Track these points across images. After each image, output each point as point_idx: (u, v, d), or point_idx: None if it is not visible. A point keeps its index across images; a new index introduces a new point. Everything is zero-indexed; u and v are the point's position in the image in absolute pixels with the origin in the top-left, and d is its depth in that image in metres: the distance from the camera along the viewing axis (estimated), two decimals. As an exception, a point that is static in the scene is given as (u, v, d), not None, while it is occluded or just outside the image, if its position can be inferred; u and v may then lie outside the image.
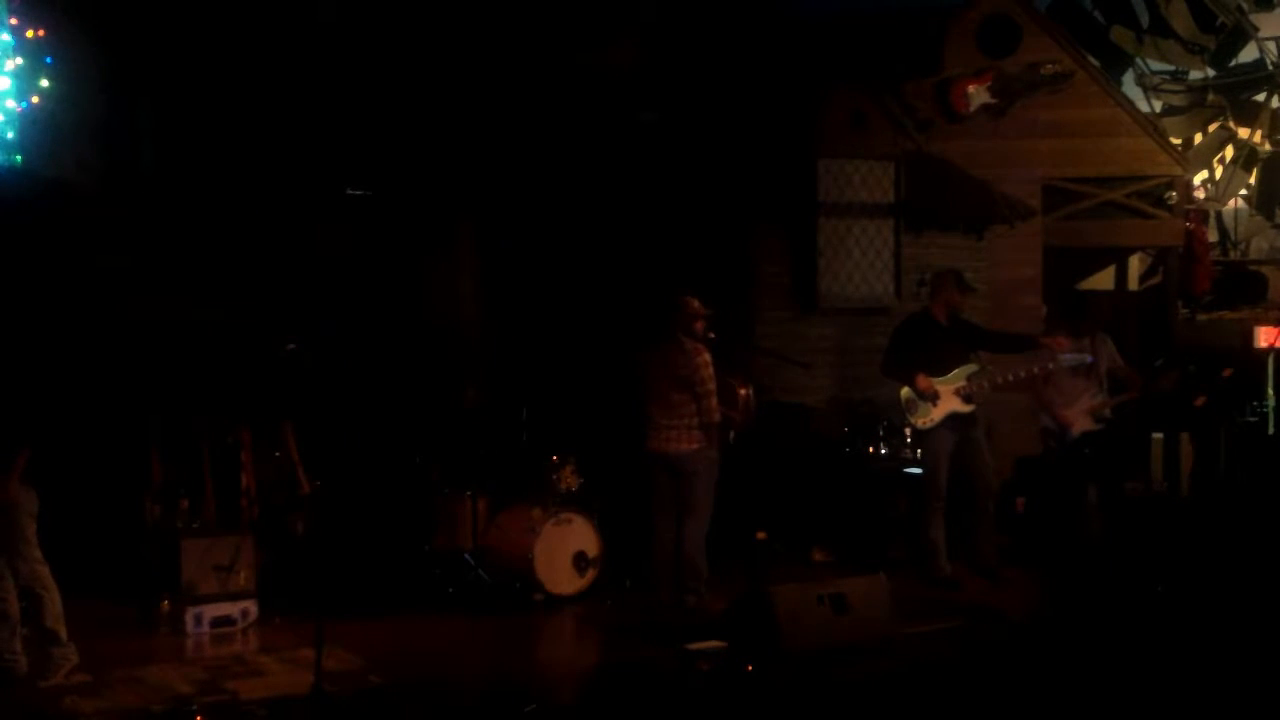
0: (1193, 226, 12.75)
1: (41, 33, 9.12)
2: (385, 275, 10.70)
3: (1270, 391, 11.92)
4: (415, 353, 10.58)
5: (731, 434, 9.19)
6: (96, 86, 9.60)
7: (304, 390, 7.98)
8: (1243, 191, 15.21)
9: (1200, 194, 14.44)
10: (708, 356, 8.72)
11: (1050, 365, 9.69)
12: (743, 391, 9.15)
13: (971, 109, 11.69)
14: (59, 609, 7.22)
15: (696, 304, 8.84)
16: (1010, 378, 9.60)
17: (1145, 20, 15.06)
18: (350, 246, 10.52)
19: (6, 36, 8.96)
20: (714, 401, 8.69)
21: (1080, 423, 10.02)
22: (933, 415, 9.45)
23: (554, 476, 9.35)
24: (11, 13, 8.99)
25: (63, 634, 7.24)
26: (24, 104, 9.06)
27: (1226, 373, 11.75)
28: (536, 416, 9.68)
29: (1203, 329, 13.36)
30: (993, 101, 11.71)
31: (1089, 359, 9.89)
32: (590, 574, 9.16)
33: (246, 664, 7.65)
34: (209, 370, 9.42)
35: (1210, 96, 15.08)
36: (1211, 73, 15.20)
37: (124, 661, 7.53)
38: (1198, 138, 15.06)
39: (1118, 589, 8.99)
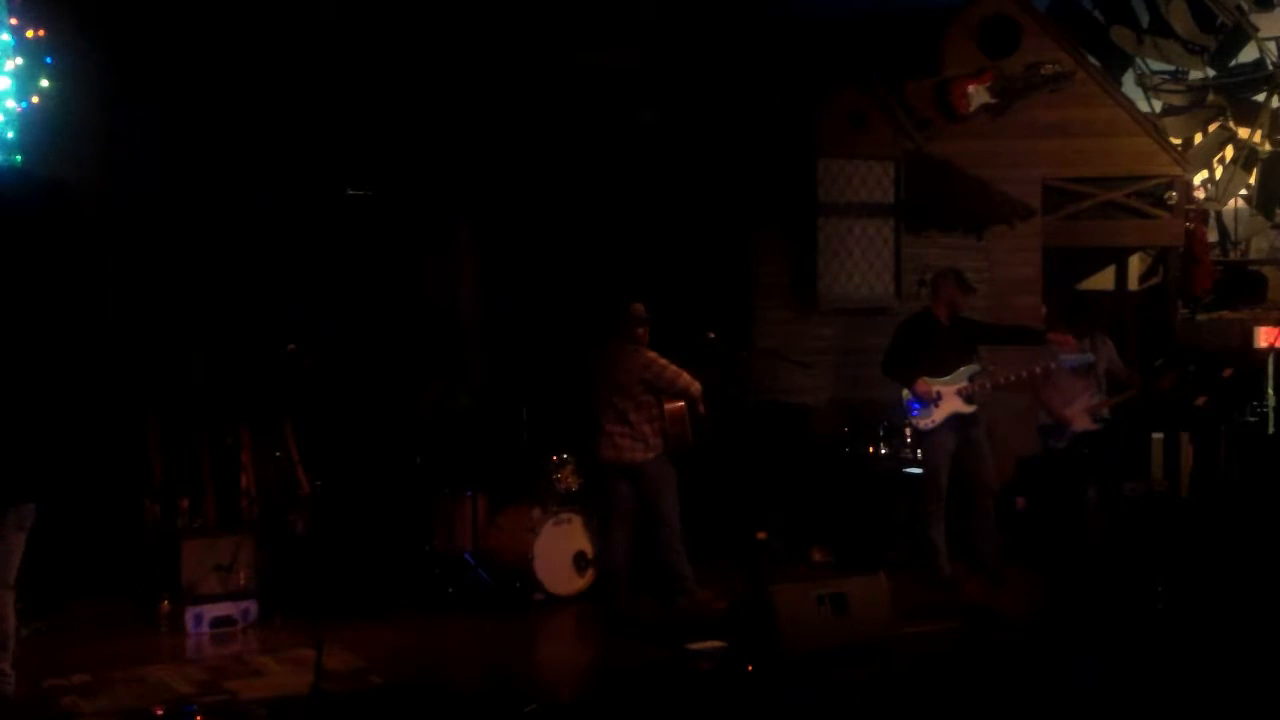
0: (1193, 226, 12.75)
1: (41, 33, 9.10)
2: (385, 275, 10.70)
3: (1270, 391, 11.90)
4: (415, 353, 10.58)
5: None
6: (96, 86, 9.59)
7: (304, 390, 7.99)
8: (1243, 191, 15.18)
9: (1200, 194, 14.42)
10: (649, 353, 8.70)
11: (1052, 365, 9.70)
12: (668, 406, 8.82)
13: (971, 109, 11.69)
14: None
15: (641, 309, 8.78)
16: (1012, 377, 9.60)
17: (1145, 20, 15.04)
18: (350, 246, 10.52)
19: (6, 36, 8.95)
20: (684, 380, 8.64)
21: (1079, 422, 10.03)
22: (934, 416, 9.45)
23: (554, 476, 9.35)
24: (11, 13, 8.98)
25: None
26: (24, 104, 9.05)
27: (1226, 373, 11.75)
28: (536, 416, 9.68)
29: (1203, 329, 13.35)
30: (993, 101, 11.71)
31: (1090, 359, 9.89)
32: (590, 574, 9.16)
33: (246, 664, 7.65)
34: (209, 370, 9.43)
35: (1210, 96, 15.06)
36: (1211, 73, 15.19)
37: (124, 661, 7.54)
38: (1198, 138, 15.03)
39: (1118, 589, 8.99)
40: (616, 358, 8.74)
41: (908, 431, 10.20)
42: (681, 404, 8.83)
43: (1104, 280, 13.48)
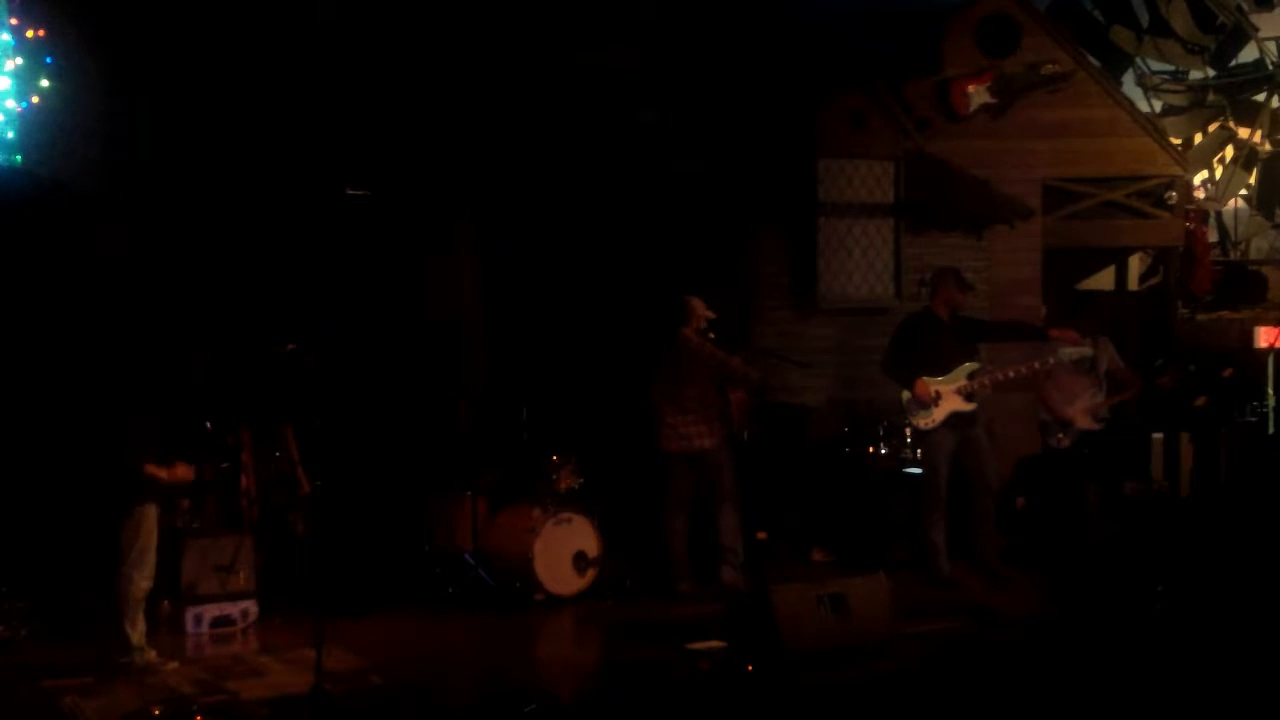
0: (1193, 226, 12.75)
1: (41, 33, 9.11)
2: (385, 275, 10.70)
3: (1270, 391, 11.91)
4: (415, 353, 10.58)
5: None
6: (96, 86, 9.59)
7: (304, 390, 7.98)
8: (1243, 191, 15.22)
9: (1200, 194, 14.43)
10: (711, 346, 9.00)
11: (1051, 360, 9.71)
12: (733, 396, 9.20)
13: (971, 109, 11.68)
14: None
15: (700, 305, 9.03)
16: (1012, 374, 9.61)
17: (1145, 20, 15.07)
18: (350, 246, 10.51)
19: (6, 36, 8.95)
20: (735, 362, 8.99)
21: (1081, 421, 10.04)
22: (934, 416, 9.45)
23: (554, 476, 9.35)
24: (11, 13, 8.98)
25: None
26: (24, 104, 9.05)
27: (1226, 373, 11.76)
28: (536, 416, 9.68)
29: (1203, 329, 13.36)
30: (993, 101, 11.70)
31: (1089, 352, 9.91)
32: (590, 574, 9.16)
33: (246, 664, 7.66)
34: (209, 370, 9.42)
35: (1210, 96, 15.10)
36: (1211, 73, 15.21)
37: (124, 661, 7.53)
38: (1198, 138, 15.07)
39: (1118, 589, 8.99)
40: (682, 351, 9.02)
41: (908, 431, 10.20)
42: (742, 393, 9.16)
43: (1104, 280, 13.48)
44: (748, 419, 9.25)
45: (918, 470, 9.91)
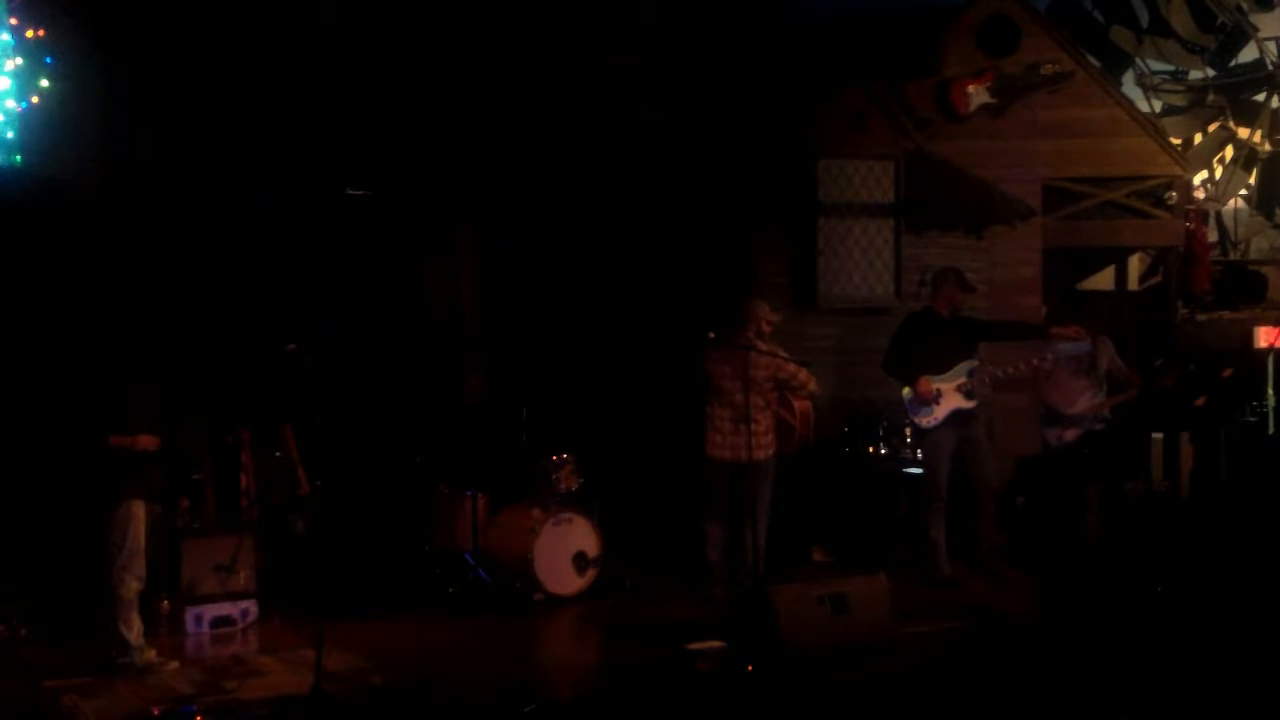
0: (1193, 226, 12.74)
1: (41, 33, 9.12)
2: (385, 275, 10.70)
3: (1270, 391, 11.91)
4: (414, 353, 10.58)
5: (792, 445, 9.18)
6: (96, 86, 9.59)
7: (304, 390, 7.99)
8: (1243, 191, 15.21)
9: (1200, 194, 14.42)
10: (780, 353, 8.90)
11: (1050, 356, 9.72)
12: (799, 405, 9.11)
13: (971, 109, 11.67)
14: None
15: (764, 308, 8.94)
16: (1011, 371, 9.63)
17: (1145, 20, 15.06)
18: (350, 246, 10.52)
19: (6, 36, 8.96)
20: (811, 379, 8.96)
21: (1081, 419, 10.04)
22: (936, 414, 9.46)
23: (554, 476, 9.35)
24: (11, 13, 8.99)
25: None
26: (24, 104, 9.06)
27: (1226, 373, 11.75)
28: (536, 416, 9.68)
29: (1203, 329, 13.34)
30: (993, 101, 11.69)
31: (1087, 347, 9.92)
32: (590, 574, 9.17)
33: (246, 664, 7.66)
34: (209, 370, 9.42)
35: (1210, 96, 15.09)
36: (1211, 73, 15.21)
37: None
38: (1198, 138, 15.06)
39: (1118, 589, 8.99)
40: (746, 357, 8.68)
41: (908, 431, 10.20)
42: (808, 403, 8.98)
43: (1104, 280, 13.48)
44: (812, 430, 9.18)
45: (918, 470, 9.91)
